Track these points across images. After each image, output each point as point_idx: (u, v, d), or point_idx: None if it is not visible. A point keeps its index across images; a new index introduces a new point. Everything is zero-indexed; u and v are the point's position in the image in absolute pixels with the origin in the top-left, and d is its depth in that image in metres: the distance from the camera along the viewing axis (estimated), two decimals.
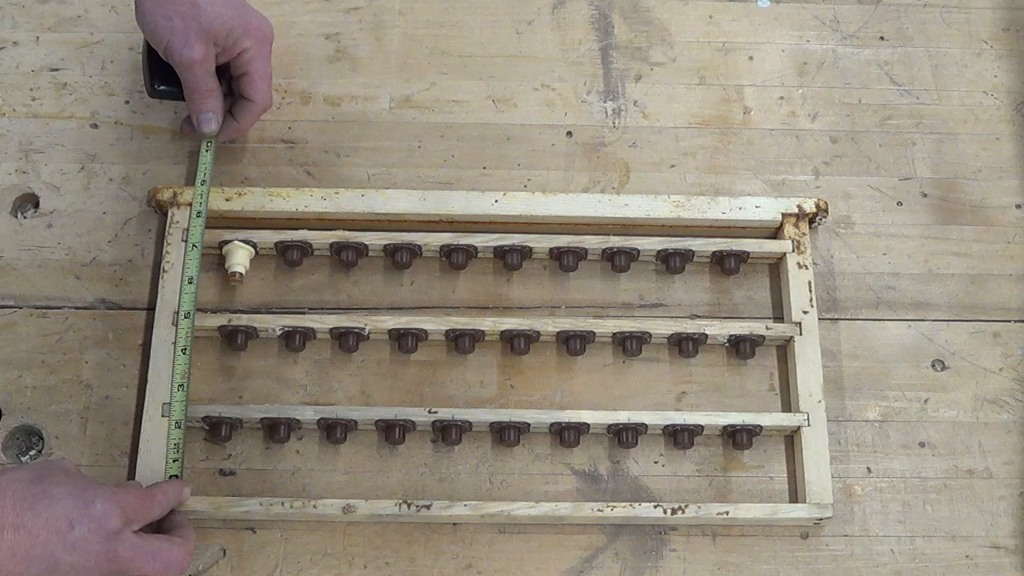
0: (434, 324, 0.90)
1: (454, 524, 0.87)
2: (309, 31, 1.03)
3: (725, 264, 0.93)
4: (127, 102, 0.99)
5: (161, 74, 0.92)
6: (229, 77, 0.92)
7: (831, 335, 0.93)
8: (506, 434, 0.88)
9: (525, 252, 0.93)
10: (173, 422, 0.85)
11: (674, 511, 0.85)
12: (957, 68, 1.04)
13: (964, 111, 1.02)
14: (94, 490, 0.74)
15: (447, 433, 0.88)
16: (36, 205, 0.96)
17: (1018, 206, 0.99)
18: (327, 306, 0.93)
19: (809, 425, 0.88)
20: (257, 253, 0.93)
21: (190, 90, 0.90)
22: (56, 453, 0.88)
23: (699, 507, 0.85)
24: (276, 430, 0.88)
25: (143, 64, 0.93)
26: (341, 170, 0.98)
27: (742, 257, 0.93)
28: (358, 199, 0.93)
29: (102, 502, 0.73)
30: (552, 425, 0.88)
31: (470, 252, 0.93)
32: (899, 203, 0.98)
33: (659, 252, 0.93)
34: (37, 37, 1.01)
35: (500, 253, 0.93)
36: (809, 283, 0.92)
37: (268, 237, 0.92)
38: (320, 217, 0.93)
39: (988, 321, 0.95)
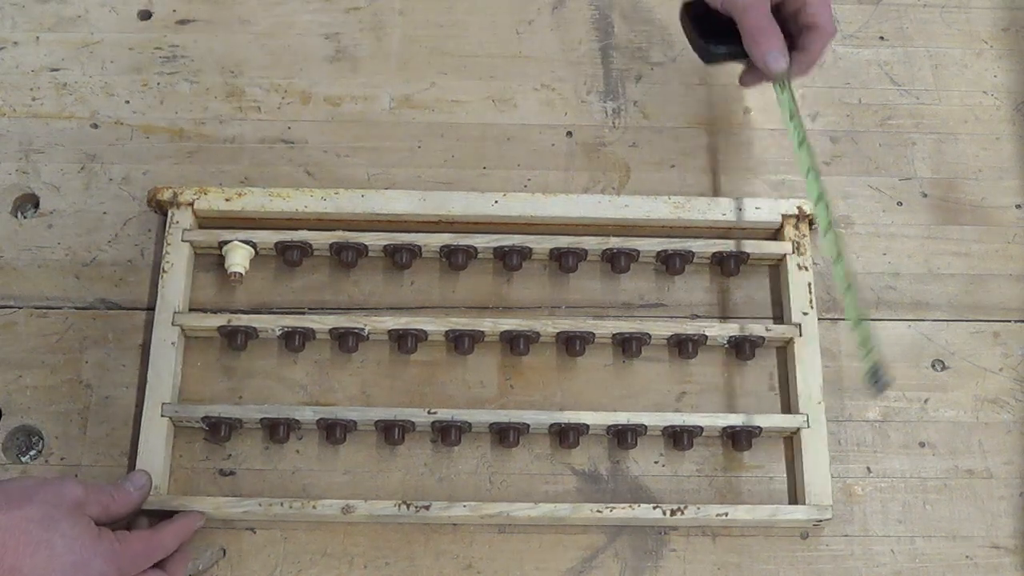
0: (434, 324, 0.90)
1: (454, 524, 0.87)
2: (309, 31, 1.03)
3: (725, 265, 0.93)
4: (127, 102, 1.00)
5: (714, 36, 0.90)
6: (782, 19, 0.89)
7: (831, 335, 0.93)
8: (506, 434, 0.88)
9: (525, 253, 0.93)
10: (853, 320, 0.85)
11: (673, 512, 0.85)
12: (957, 68, 1.04)
13: (964, 111, 1.02)
14: (94, 547, 0.74)
15: (447, 433, 0.88)
16: (36, 205, 0.96)
17: (1018, 206, 0.99)
18: (327, 306, 0.93)
19: (809, 427, 0.88)
20: (257, 253, 0.93)
21: (752, 32, 0.86)
22: (56, 453, 0.88)
23: (699, 508, 0.85)
24: (276, 430, 0.88)
25: (689, 33, 0.91)
26: (341, 170, 0.98)
27: (742, 258, 0.93)
28: (358, 199, 0.93)
29: (101, 562, 0.74)
30: (552, 425, 0.88)
31: (470, 253, 0.93)
32: (899, 203, 0.98)
33: (659, 253, 0.93)
34: (37, 37, 1.01)
35: (500, 254, 0.93)
36: (809, 285, 0.92)
37: (268, 237, 0.92)
38: (320, 217, 0.93)
39: (988, 321, 0.95)
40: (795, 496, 0.88)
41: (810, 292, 0.92)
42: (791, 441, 0.90)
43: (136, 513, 0.83)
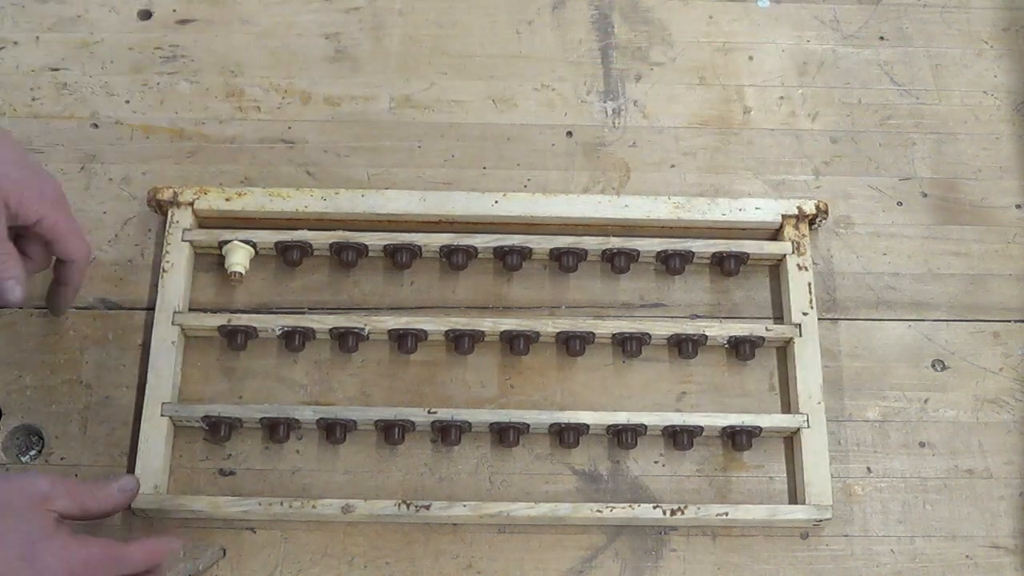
0: (434, 324, 0.90)
1: (454, 524, 0.87)
2: (309, 31, 1.03)
3: (725, 265, 0.93)
4: (127, 102, 0.99)
5: None
6: (23, 246, 0.83)
7: (831, 335, 0.93)
8: (506, 434, 0.88)
9: (525, 253, 0.93)
10: None
11: (673, 512, 0.85)
12: (957, 68, 1.04)
13: (964, 111, 1.02)
14: (45, 543, 0.72)
15: (447, 433, 0.88)
16: None
17: (1018, 206, 0.99)
18: (327, 306, 0.93)
19: (809, 427, 0.88)
20: (257, 253, 0.93)
21: None
22: (56, 453, 0.88)
23: (699, 508, 0.85)
24: (276, 430, 0.88)
25: None
26: (341, 170, 0.98)
27: (742, 258, 0.93)
28: (358, 199, 0.93)
29: (49, 558, 0.72)
30: (552, 425, 0.88)
31: (470, 253, 0.93)
32: (899, 203, 0.98)
33: (659, 253, 0.93)
34: (37, 37, 1.01)
35: (500, 254, 0.93)
36: (809, 285, 0.92)
37: (268, 237, 0.92)
38: (320, 217, 0.93)
39: (988, 321, 0.95)
40: (795, 496, 0.88)
41: (810, 292, 0.92)
42: (791, 441, 0.90)
43: (131, 513, 0.83)
